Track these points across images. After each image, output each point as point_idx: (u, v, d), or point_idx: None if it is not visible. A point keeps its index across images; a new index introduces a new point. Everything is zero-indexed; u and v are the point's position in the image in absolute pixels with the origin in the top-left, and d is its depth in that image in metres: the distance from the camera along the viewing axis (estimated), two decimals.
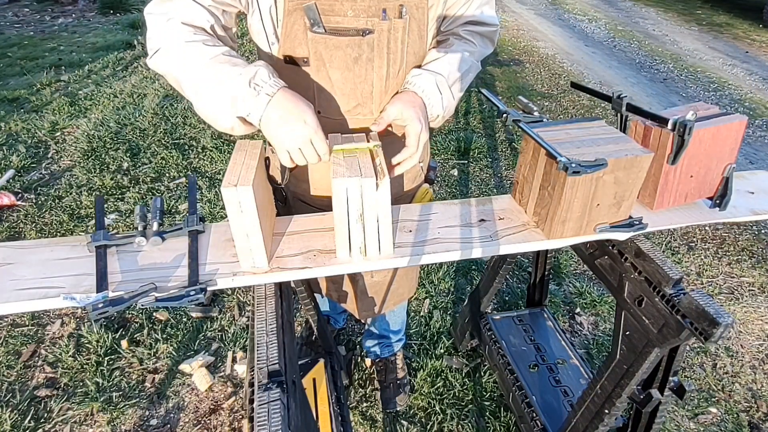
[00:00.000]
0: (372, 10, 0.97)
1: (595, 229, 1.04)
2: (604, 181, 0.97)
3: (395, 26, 1.00)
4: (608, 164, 0.93)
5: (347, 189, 0.87)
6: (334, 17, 0.97)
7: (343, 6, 0.96)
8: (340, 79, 1.04)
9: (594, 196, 0.99)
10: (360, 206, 0.89)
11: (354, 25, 0.98)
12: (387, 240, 0.94)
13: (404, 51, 1.04)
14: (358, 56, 1.01)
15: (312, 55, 1.01)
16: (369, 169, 0.89)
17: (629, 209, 1.05)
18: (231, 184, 0.83)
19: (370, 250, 0.94)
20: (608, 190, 0.99)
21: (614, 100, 1.12)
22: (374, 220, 0.91)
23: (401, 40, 1.02)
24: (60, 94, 4.46)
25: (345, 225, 0.90)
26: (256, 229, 0.87)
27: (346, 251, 0.94)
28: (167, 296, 0.83)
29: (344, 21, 0.98)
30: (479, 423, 1.83)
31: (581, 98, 4.62)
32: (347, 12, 0.97)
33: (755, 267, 2.64)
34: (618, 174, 0.96)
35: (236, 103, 0.90)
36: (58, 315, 2.24)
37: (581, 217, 1.02)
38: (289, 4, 0.95)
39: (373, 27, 0.99)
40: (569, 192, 0.96)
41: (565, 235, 1.04)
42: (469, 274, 2.54)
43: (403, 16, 1.00)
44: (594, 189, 0.97)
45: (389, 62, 1.04)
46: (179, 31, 0.92)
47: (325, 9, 0.96)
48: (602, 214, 1.03)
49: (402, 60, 1.06)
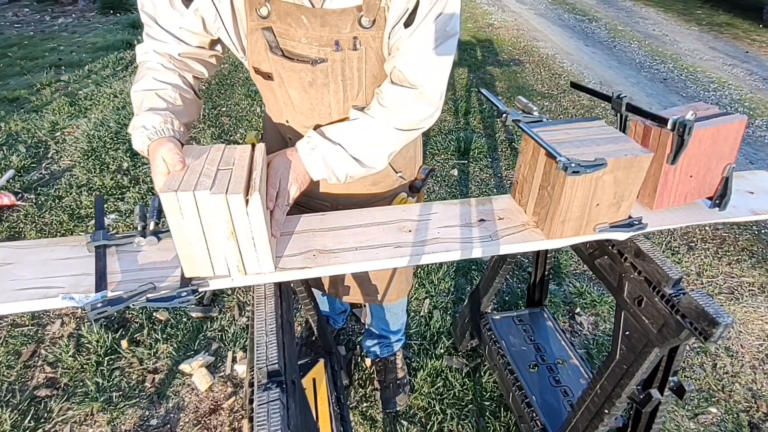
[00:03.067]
0: (324, 40, 0.99)
1: (594, 229, 1.04)
2: (604, 181, 0.97)
3: (349, 57, 1.01)
4: (608, 164, 0.93)
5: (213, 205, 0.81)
6: (289, 41, 1.00)
7: (297, 32, 0.99)
8: (298, 99, 1.09)
9: (594, 196, 0.99)
10: (230, 223, 0.83)
11: (307, 52, 1.01)
12: (265, 256, 0.89)
13: (362, 77, 1.05)
14: (313, 81, 1.04)
15: (273, 72, 1.06)
16: (239, 185, 0.82)
17: (629, 209, 1.05)
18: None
19: (249, 267, 0.90)
20: (608, 190, 0.99)
21: (614, 100, 1.12)
22: (249, 236, 0.85)
23: (357, 68, 1.03)
24: (60, 94, 4.46)
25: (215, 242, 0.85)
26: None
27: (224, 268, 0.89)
28: (159, 296, 0.83)
29: (298, 47, 1.01)
30: (479, 423, 1.83)
31: (581, 98, 4.62)
32: (301, 38, 0.99)
33: (755, 267, 2.64)
34: (618, 174, 0.96)
35: (134, 141, 0.98)
36: (58, 315, 2.24)
37: (581, 216, 1.02)
38: (251, 24, 1.00)
39: (326, 56, 1.01)
40: (569, 192, 0.96)
41: (565, 235, 1.04)
42: (469, 274, 2.54)
43: (357, 48, 1.00)
44: (594, 189, 0.97)
45: (345, 88, 1.06)
46: (147, 59, 1.05)
47: (281, 32, 1.00)
48: (602, 214, 1.03)
49: (360, 84, 1.07)
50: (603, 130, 1.06)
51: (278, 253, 0.97)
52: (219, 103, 4.33)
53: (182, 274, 0.88)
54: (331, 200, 1.29)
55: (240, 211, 0.82)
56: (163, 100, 1.00)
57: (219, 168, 0.86)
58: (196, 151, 0.91)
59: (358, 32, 0.98)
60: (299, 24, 0.97)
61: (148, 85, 1.02)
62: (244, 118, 4.08)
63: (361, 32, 0.98)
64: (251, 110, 4.21)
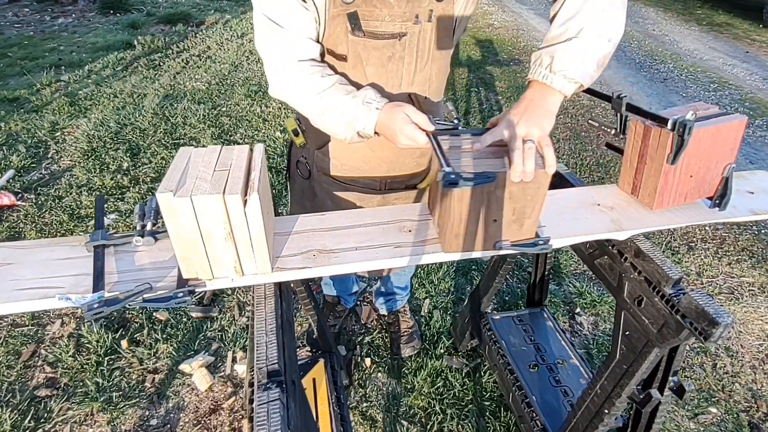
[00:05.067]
0: (406, 15, 1.09)
1: (494, 246, 0.98)
2: (497, 196, 0.91)
3: (425, 28, 1.12)
4: (498, 178, 0.88)
5: (211, 206, 0.80)
6: (372, 21, 1.09)
7: (382, 12, 1.08)
8: (374, 74, 1.16)
9: (488, 211, 0.93)
10: (227, 224, 0.82)
11: (390, 29, 1.11)
12: (263, 257, 0.89)
13: (431, 48, 1.16)
14: (392, 55, 1.14)
15: (350, 53, 1.13)
16: (236, 185, 0.81)
17: (533, 227, 0.98)
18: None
19: (246, 268, 0.90)
20: (504, 206, 0.93)
21: (614, 99, 1.11)
22: (246, 237, 0.85)
23: (429, 39, 1.14)
24: (60, 94, 4.46)
25: (213, 243, 0.84)
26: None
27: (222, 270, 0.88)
28: (155, 297, 0.83)
29: (381, 25, 1.10)
30: (479, 423, 1.83)
31: (581, 98, 4.62)
32: (385, 17, 1.09)
33: (755, 267, 2.64)
34: (512, 189, 0.91)
35: (353, 122, 1.07)
36: (58, 315, 2.24)
37: (477, 231, 0.96)
38: (333, 11, 1.07)
39: (407, 30, 1.11)
40: (457, 205, 0.91)
41: (460, 250, 0.98)
42: (469, 274, 2.54)
43: (431, 19, 1.12)
44: (487, 203, 0.92)
45: (417, 59, 1.16)
46: (298, 69, 1.09)
47: (365, 14, 1.08)
48: (502, 231, 0.97)
49: (429, 55, 1.17)
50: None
51: (277, 253, 0.97)
52: (219, 103, 4.33)
53: (179, 275, 0.88)
54: (379, 181, 1.37)
55: (237, 212, 0.82)
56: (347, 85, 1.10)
57: (216, 169, 0.86)
58: (194, 152, 0.91)
59: (433, 5, 1.10)
60: (385, 4, 1.07)
61: (325, 82, 1.09)
62: (244, 118, 4.08)
63: (435, 5, 1.10)
64: (251, 110, 4.20)
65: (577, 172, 3.45)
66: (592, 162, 3.58)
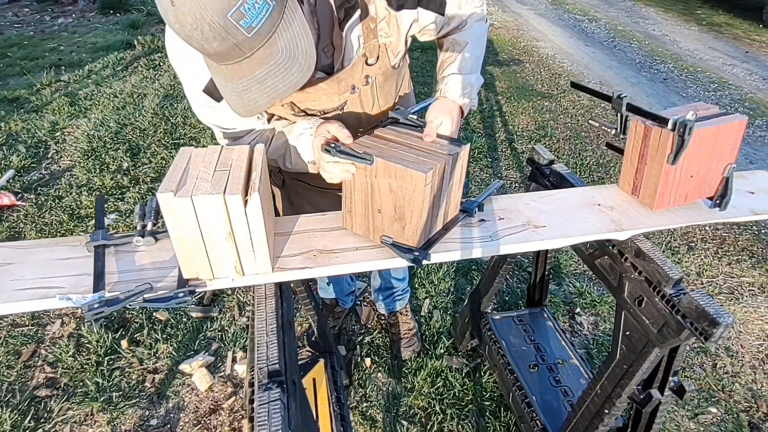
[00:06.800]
0: (342, 89, 1.10)
1: (380, 239, 0.99)
2: (380, 185, 0.93)
3: (364, 90, 1.14)
4: (375, 163, 0.90)
5: (211, 207, 0.80)
6: (309, 103, 1.10)
7: (315, 95, 1.09)
8: None
9: (372, 198, 0.95)
10: (228, 224, 0.82)
11: (328, 105, 1.12)
12: (263, 257, 0.89)
13: (375, 97, 1.19)
14: (340, 115, 1.16)
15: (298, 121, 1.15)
16: (237, 185, 0.81)
17: (414, 236, 0.95)
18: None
19: (247, 268, 0.90)
20: (386, 198, 0.93)
21: (614, 100, 1.12)
22: (247, 237, 0.85)
23: (371, 94, 1.16)
24: (60, 94, 4.46)
25: (213, 243, 0.84)
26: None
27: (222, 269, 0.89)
28: (156, 297, 0.83)
29: (319, 103, 1.11)
30: (479, 423, 1.83)
31: (581, 98, 4.62)
32: (320, 97, 1.10)
33: (755, 267, 2.64)
34: (392, 182, 0.91)
35: (303, 155, 1.09)
36: (58, 315, 2.24)
37: (366, 216, 0.98)
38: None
39: (346, 99, 1.13)
40: (343, 177, 0.97)
41: (354, 229, 1.02)
42: (469, 274, 2.54)
43: (368, 82, 1.13)
44: (371, 190, 0.95)
45: (365, 109, 1.19)
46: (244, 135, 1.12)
47: (300, 100, 1.09)
48: (386, 226, 0.97)
49: (375, 100, 1.19)
50: (445, 143, 1.00)
51: (278, 253, 0.97)
52: None
53: (180, 275, 0.88)
54: None
55: (238, 212, 0.81)
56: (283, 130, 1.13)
57: (217, 169, 0.86)
58: (194, 153, 0.91)
59: (367, 71, 1.11)
60: (317, 89, 1.07)
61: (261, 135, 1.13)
62: None
63: (369, 70, 1.11)
64: None
65: (577, 172, 3.45)
66: (592, 162, 3.58)
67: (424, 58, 5.28)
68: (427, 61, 5.22)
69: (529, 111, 4.36)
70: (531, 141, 3.84)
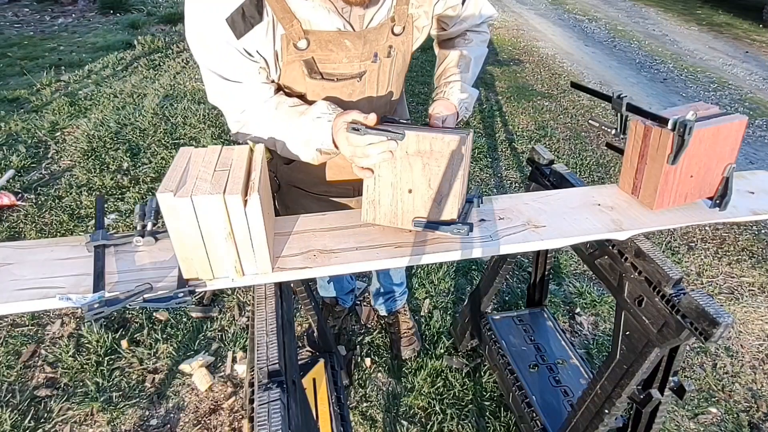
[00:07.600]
0: (365, 55, 1.08)
1: (412, 222, 0.98)
2: (411, 162, 0.92)
3: (384, 64, 1.13)
4: (407, 137, 0.88)
5: (211, 206, 0.80)
6: (330, 65, 1.07)
7: (338, 55, 1.06)
8: None
9: (402, 178, 0.94)
10: (228, 224, 0.82)
11: (348, 70, 1.09)
12: (263, 257, 0.89)
13: (391, 78, 1.19)
14: (352, 92, 1.14)
15: (309, 93, 1.12)
16: (237, 185, 0.81)
17: (454, 207, 0.94)
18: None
19: (247, 268, 0.89)
20: (418, 175, 0.92)
21: (614, 100, 1.12)
22: (247, 237, 0.85)
23: (389, 72, 1.16)
24: (60, 94, 4.46)
25: (213, 243, 0.84)
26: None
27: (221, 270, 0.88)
28: (156, 297, 0.83)
29: (339, 67, 1.08)
30: (479, 423, 1.83)
31: (581, 98, 4.62)
32: (342, 60, 1.07)
33: (755, 267, 2.64)
34: (424, 155, 0.91)
35: (309, 142, 1.04)
36: (58, 315, 2.24)
37: (394, 202, 0.97)
38: (287, 57, 1.04)
39: (366, 69, 1.11)
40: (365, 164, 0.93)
41: (377, 221, 0.99)
42: (469, 274, 2.54)
43: (391, 55, 1.12)
44: (400, 169, 0.93)
45: (378, 90, 1.18)
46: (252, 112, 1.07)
47: (322, 59, 1.06)
48: (418, 206, 0.96)
49: (389, 84, 1.20)
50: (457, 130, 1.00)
51: (278, 253, 0.97)
52: None
53: (180, 275, 0.88)
54: (352, 185, 1.34)
55: (238, 212, 0.81)
56: (298, 106, 1.07)
57: (217, 169, 0.86)
58: (194, 153, 0.91)
59: (391, 41, 1.10)
60: (341, 47, 1.05)
61: (279, 113, 1.07)
62: None
63: (393, 40, 1.11)
64: None
65: (577, 172, 3.45)
66: (592, 162, 3.58)
67: (424, 57, 5.28)
68: (427, 61, 5.22)
69: (529, 111, 4.36)
70: (531, 141, 3.84)
